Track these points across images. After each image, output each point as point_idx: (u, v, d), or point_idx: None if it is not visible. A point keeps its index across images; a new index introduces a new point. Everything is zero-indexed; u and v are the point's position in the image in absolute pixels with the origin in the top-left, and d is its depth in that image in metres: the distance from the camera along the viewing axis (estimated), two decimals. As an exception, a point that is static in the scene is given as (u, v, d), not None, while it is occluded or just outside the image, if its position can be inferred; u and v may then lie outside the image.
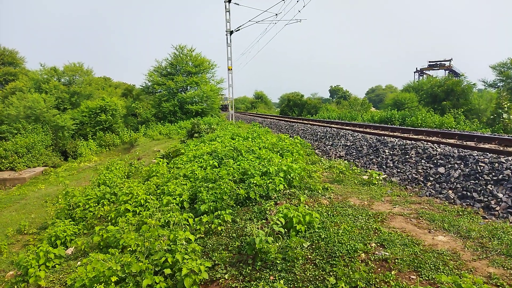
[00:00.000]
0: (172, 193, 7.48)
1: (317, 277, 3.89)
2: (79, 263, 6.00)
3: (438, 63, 63.53)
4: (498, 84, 44.22)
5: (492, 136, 10.74)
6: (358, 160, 10.33)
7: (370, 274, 3.75)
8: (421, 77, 61.57)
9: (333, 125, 18.17)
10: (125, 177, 13.30)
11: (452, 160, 7.63)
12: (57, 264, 6.30)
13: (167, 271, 4.32)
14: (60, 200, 10.38)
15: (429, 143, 9.37)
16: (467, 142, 9.91)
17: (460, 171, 7.09)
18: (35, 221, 11.21)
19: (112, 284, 4.23)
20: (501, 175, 6.27)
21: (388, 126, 16.73)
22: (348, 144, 12.11)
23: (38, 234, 9.74)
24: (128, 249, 5.05)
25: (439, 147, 8.64)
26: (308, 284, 3.83)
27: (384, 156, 9.64)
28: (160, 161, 11.94)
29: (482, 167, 6.79)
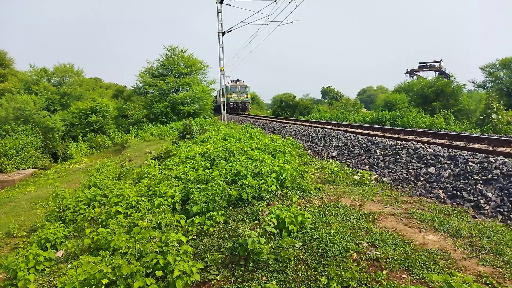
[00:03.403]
0: (163, 195, 7.44)
1: (309, 277, 3.90)
2: (69, 266, 5.92)
3: (428, 64, 64.28)
4: (487, 85, 44.97)
5: (481, 136, 10.88)
6: (349, 161, 10.38)
7: (361, 273, 3.77)
8: (411, 78, 62.26)
9: (325, 126, 18.23)
10: (116, 178, 13.19)
11: (442, 160, 7.71)
12: (47, 267, 6.22)
13: (159, 273, 4.28)
14: (50, 202, 10.26)
15: (419, 143, 9.45)
16: (457, 142, 10.02)
17: (450, 171, 7.16)
18: (25, 224, 11.06)
19: (103, 286, 4.19)
20: (491, 175, 6.35)
21: (379, 126, 16.85)
22: (340, 144, 12.16)
23: (28, 237, 9.62)
24: (119, 251, 5.01)
25: (430, 147, 8.72)
26: (300, 284, 3.83)
27: (375, 156, 9.70)
28: (151, 162, 11.88)
29: (471, 167, 6.87)
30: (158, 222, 5.95)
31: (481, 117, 23.59)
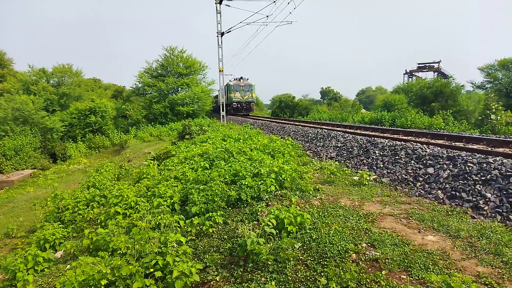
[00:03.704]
0: (163, 195, 7.44)
1: (308, 277, 3.90)
2: (68, 266, 5.92)
3: (427, 65, 64.37)
4: (486, 86, 45.08)
5: (480, 137, 10.88)
6: (348, 161, 10.39)
7: (361, 274, 3.77)
8: (410, 79, 62.38)
9: (324, 126, 18.23)
10: (115, 179, 13.18)
11: (441, 160, 7.72)
12: (46, 268, 6.21)
13: (158, 273, 4.28)
14: (48, 203, 10.27)
15: (418, 144, 9.45)
16: (456, 143, 10.02)
17: (449, 171, 7.17)
18: (24, 225, 11.05)
19: (102, 287, 4.18)
20: (489, 175, 6.36)
21: (378, 127, 16.87)
22: (339, 145, 12.16)
23: (27, 237, 9.61)
24: (118, 252, 5.00)
25: (428, 148, 8.72)
26: (299, 285, 3.83)
27: (374, 157, 9.71)
28: (150, 163, 11.87)
29: (470, 168, 6.88)
30: (157, 223, 5.94)
31: (480, 118, 23.64)
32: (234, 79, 40.19)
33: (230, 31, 27.89)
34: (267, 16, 25.26)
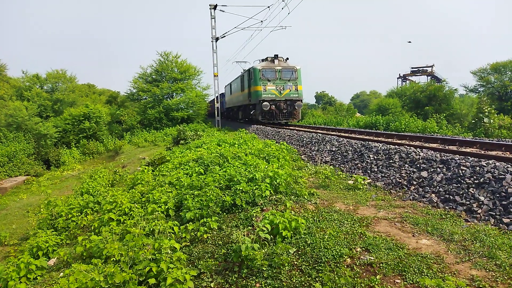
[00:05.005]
0: (157, 201, 7.40)
1: (303, 283, 3.89)
2: (61, 274, 5.85)
3: (420, 69, 65.03)
4: (479, 89, 45.67)
5: (473, 140, 10.96)
6: (343, 165, 10.40)
7: (355, 279, 3.77)
8: (404, 83, 62.93)
9: (319, 131, 18.27)
10: (109, 185, 13.10)
11: (435, 164, 7.76)
12: (38, 275, 6.13)
13: (152, 280, 4.25)
14: (42, 210, 10.17)
15: (412, 147, 9.50)
16: (449, 146, 10.09)
17: (442, 175, 7.20)
18: (16, 232, 10.93)
19: (95, 295, 4.14)
20: (483, 179, 6.39)
21: (372, 131, 16.94)
22: (334, 149, 12.19)
23: (19, 245, 9.50)
24: (112, 259, 4.96)
25: (422, 152, 8.77)
26: (294, 291, 3.82)
27: (368, 161, 9.74)
28: (145, 168, 11.82)
29: (464, 171, 6.92)
30: (151, 229, 5.90)
31: (473, 121, 23.82)
32: (262, 60, 23.40)
33: (224, 36, 28.02)
34: (262, 21, 25.36)
